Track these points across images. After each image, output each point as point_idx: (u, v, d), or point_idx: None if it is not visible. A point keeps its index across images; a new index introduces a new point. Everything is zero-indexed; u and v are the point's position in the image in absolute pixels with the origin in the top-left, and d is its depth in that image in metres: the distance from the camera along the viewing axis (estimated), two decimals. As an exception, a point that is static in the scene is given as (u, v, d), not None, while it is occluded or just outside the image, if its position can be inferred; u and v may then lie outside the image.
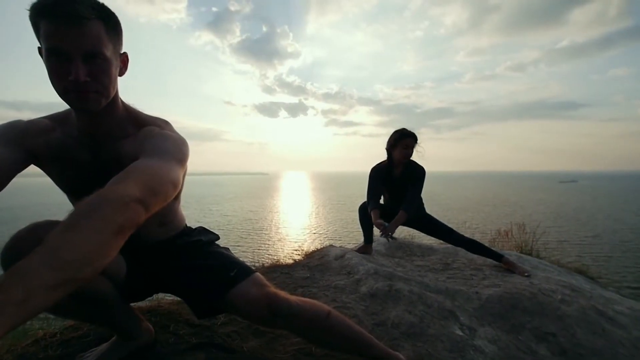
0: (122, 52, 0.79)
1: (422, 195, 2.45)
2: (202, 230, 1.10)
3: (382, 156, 2.50)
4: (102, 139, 0.83)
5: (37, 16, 0.67)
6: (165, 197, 0.65)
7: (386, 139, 2.42)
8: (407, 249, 2.80)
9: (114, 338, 1.05)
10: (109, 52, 0.72)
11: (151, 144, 0.77)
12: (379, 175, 2.47)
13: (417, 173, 2.37)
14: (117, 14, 0.74)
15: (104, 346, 1.04)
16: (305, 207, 34.74)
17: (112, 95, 0.77)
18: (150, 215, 0.60)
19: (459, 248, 2.80)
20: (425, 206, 2.54)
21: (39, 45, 0.71)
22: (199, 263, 0.96)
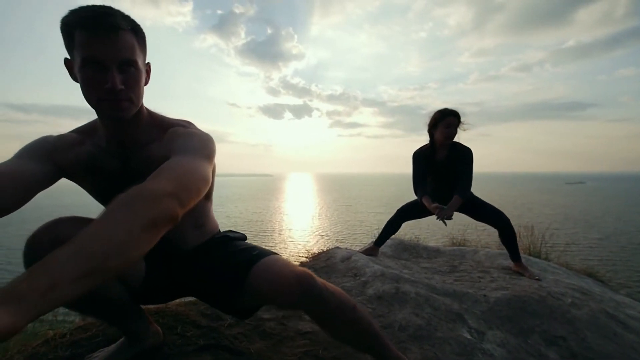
0: (146, 62, 0.82)
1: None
2: (230, 230, 1.11)
3: (386, 157, 2.49)
4: (130, 147, 0.85)
5: (73, 27, 0.69)
6: (197, 193, 0.66)
7: (391, 140, 2.38)
8: (414, 250, 2.79)
9: (122, 339, 1.06)
10: (140, 61, 0.76)
11: (178, 143, 0.78)
12: (422, 159, 2.31)
13: (464, 154, 2.21)
14: None
15: (111, 347, 1.05)
16: (310, 208, 34.74)
17: (140, 103, 0.80)
18: (186, 211, 0.61)
19: (465, 250, 2.78)
20: None
21: (67, 57, 0.74)
22: (222, 253, 0.95)
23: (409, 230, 2.52)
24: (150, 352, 1.07)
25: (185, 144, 0.77)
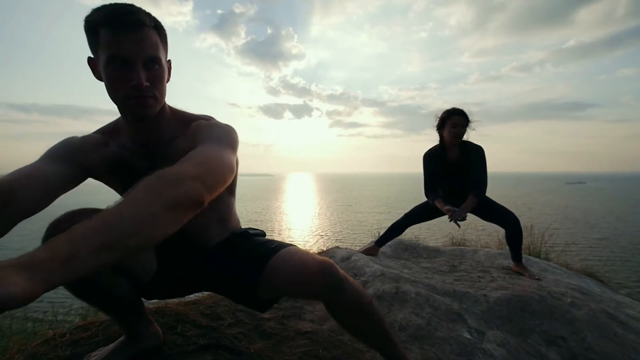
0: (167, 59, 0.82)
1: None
2: (250, 228, 1.10)
3: (386, 157, 2.47)
4: (155, 145, 0.85)
5: (98, 25, 0.69)
6: (223, 179, 0.66)
7: (391, 140, 2.35)
8: (414, 250, 2.79)
9: (121, 338, 1.06)
10: (163, 59, 0.76)
11: (201, 135, 0.79)
12: (432, 160, 2.27)
13: (476, 153, 2.15)
14: None
15: (110, 346, 1.05)
16: (310, 208, 34.73)
17: (164, 101, 0.81)
18: (212, 198, 0.60)
19: (465, 250, 2.78)
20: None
21: (90, 56, 0.75)
22: (242, 248, 0.95)
23: (409, 230, 2.51)
24: (150, 352, 1.06)
25: (209, 135, 0.78)
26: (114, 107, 0.80)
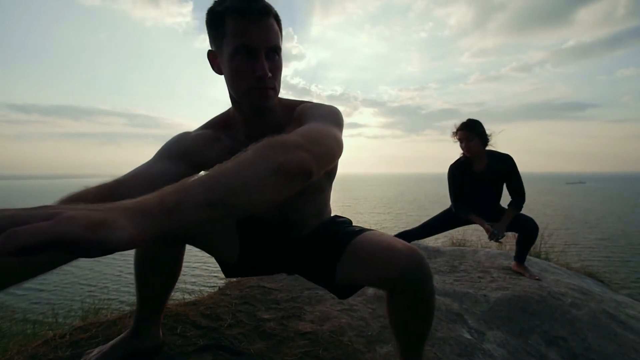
0: None
1: (432, 196, 2.34)
2: (336, 215, 1.10)
3: (386, 157, 2.47)
4: (268, 135, 0.86)
5: (224, 14, 0.68)
6: (331, 153, 0.65)
7: (391, 140, 2.34)
8: (413, 251, 2.79)
9: (120, 335, 1.06)
10: (281, 48, 0.76)
11: (307, 115, 0.78)
12: (458, 172, 2.24)
13: (505, 163, 2.11)
14: (122, 18, 0.76)
15: (108, 344, 1.05)
16: (310, 209, 34.65)
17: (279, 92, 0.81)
18: (319, 170, 0.59)
19: (465, 250, 2.78)
20: (430, 208, 2.47)
21: (210, 49, 0.74)
22: (329, 232, 0.95)
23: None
24: (149, 353, 1.06)
25: (314, 114, 0.77)
26: (114, 108, 0.80)
